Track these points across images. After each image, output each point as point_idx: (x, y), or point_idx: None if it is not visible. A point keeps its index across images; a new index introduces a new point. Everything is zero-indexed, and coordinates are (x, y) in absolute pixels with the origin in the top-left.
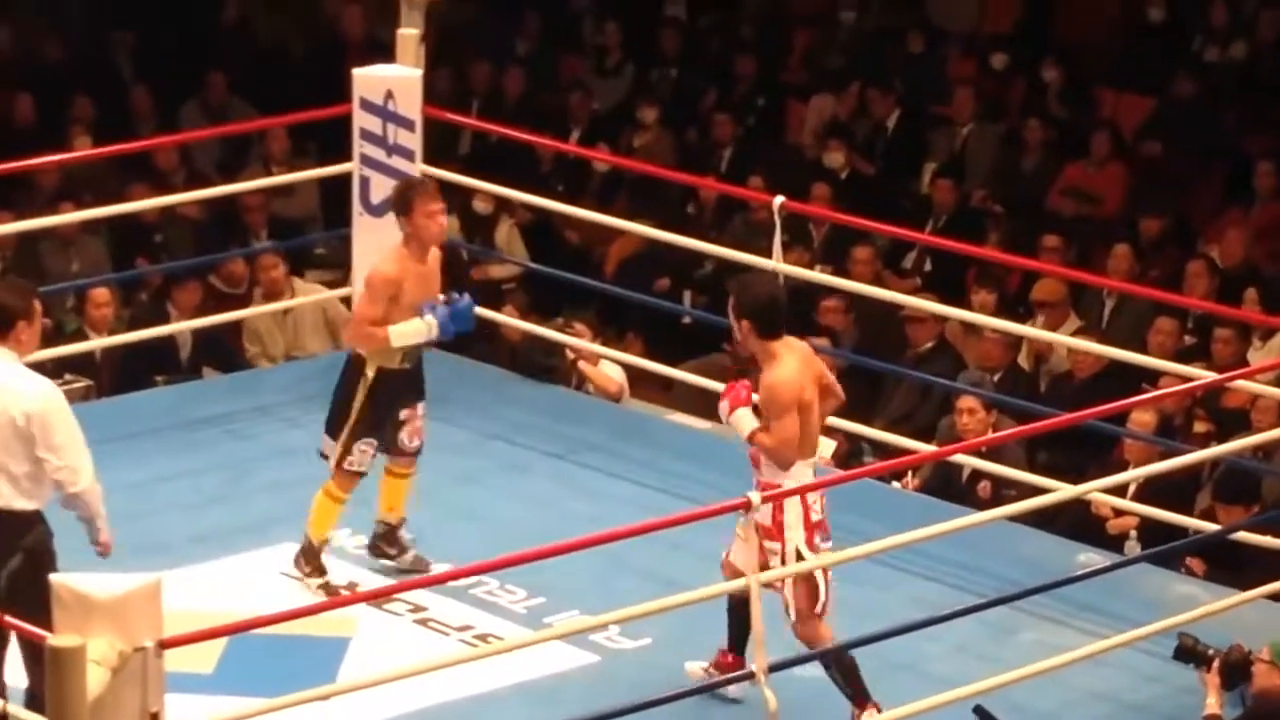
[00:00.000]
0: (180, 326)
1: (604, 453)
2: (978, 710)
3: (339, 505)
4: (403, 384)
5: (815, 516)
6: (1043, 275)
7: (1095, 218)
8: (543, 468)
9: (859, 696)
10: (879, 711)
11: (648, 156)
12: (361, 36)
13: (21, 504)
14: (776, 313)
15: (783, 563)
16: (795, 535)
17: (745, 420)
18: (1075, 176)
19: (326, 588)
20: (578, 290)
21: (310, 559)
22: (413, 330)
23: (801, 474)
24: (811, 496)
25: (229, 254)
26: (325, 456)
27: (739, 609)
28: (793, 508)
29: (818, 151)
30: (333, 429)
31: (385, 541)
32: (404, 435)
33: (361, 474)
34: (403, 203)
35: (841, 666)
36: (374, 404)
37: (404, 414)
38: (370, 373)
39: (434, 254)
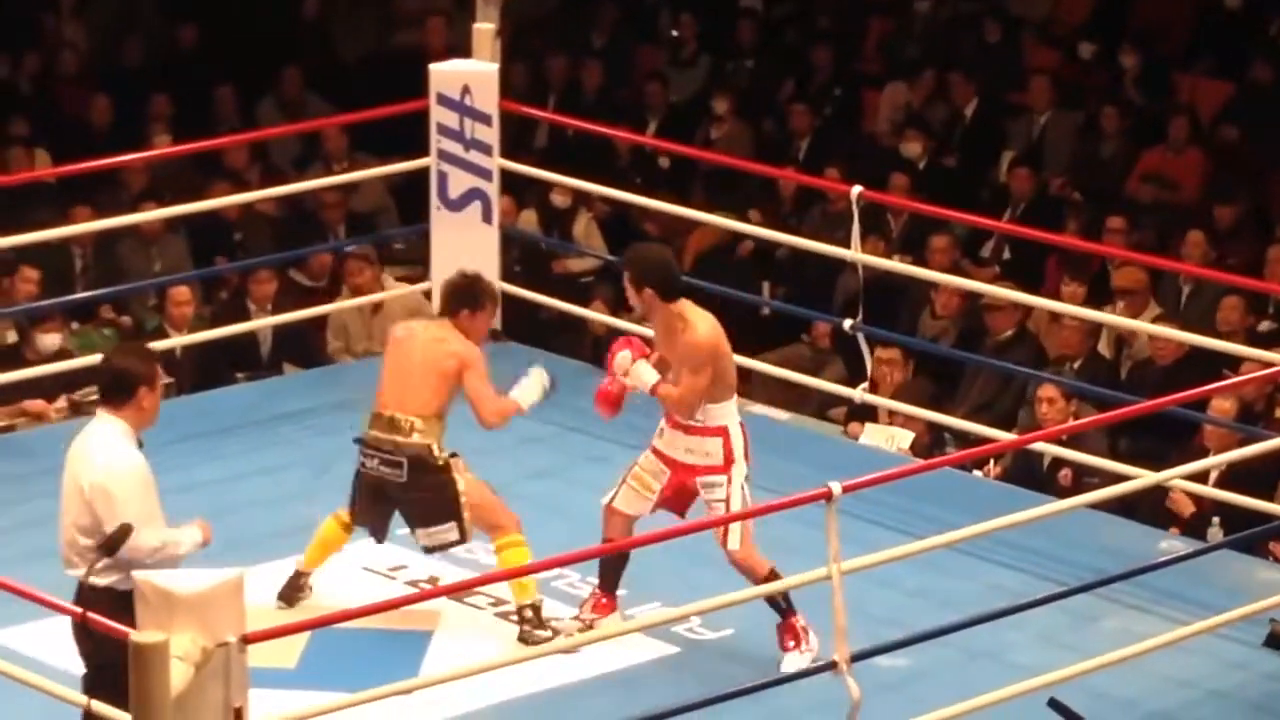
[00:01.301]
0: (261, 323)
1: None
2: (1053, 703)
3: (526, 547)
4: None
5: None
6: (1120, 262)
7: (1174, 204)
8: (623, 460)
9: (789, 610)
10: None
11: (725, 148)
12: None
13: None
14: (674, 275)
15: (727, 494)
16: (741, 468)
17: (647, 373)
18: (1153, 163)
19: (565, 631)
20: None
21: (537, 619)
22: (531, 386)
23: (732, 411)
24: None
25: (309, 250)
26: (457, 541)
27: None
28: (738, 442)
29: (895, 141)
30: (447, 515)
31: (294, 589)
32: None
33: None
34: (475, 300)
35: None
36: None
37: None
38: (440, 454)
39: None
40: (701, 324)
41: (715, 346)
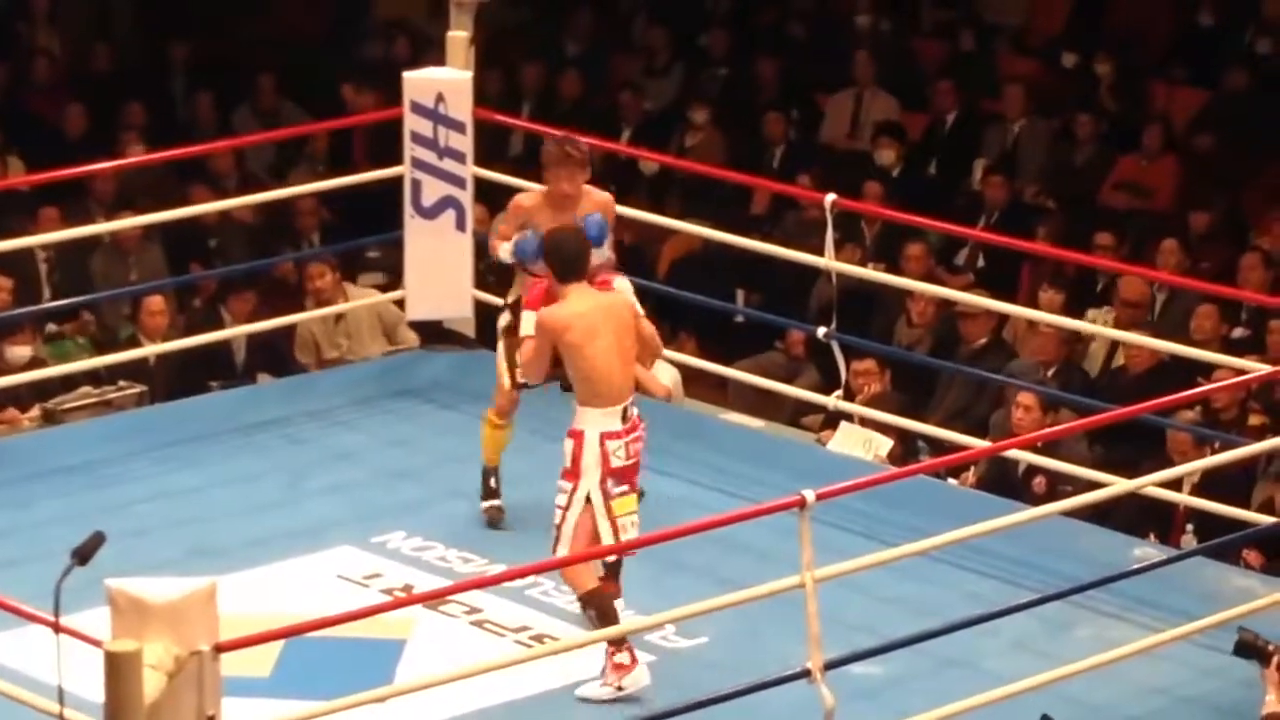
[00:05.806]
0: (234, 332)
1: (658, 452)
2: None
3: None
4: None
5: (615, 463)
6: (1100, 270)
7: (1148, 212)
8: None
9: (612, 641)
10: (631, 653)
11: (699, 156)
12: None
13: None
14: (565, 257)
15: (568, 502)
16: (590, 479)
17: (524, 324)
18: (1128, 171)
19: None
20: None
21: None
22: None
23: (599, 420)
24: (613, 444)
25: (281, 258)
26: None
27: None
28: (591, 450)
29: (869, 148)
30: None
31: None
32: None
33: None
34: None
35: (601, 609)
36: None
37: None
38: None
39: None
40: (559, 307)
41: (551, 328)
